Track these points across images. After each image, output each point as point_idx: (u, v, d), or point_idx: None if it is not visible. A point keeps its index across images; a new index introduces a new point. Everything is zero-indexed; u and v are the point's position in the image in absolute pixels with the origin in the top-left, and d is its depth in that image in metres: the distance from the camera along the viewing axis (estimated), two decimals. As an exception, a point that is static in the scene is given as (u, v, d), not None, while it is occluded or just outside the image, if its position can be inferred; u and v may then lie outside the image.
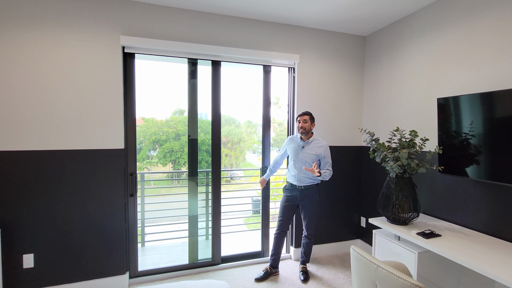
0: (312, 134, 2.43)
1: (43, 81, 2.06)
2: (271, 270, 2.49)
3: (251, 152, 20.42)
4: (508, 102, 1.61)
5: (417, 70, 2.37)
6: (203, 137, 15.91)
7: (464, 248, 1.61)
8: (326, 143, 2.40)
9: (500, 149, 1.65)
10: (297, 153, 2.38)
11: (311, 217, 2.41)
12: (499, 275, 1.31)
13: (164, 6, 2.32)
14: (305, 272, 2.47)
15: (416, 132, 2.02)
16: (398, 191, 1.98)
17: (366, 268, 1.33)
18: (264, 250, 2.85)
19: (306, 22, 2.64)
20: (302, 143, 2.39)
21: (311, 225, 2.43)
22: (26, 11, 2.00)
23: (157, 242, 3.65)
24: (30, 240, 2.09)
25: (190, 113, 2.56)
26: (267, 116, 2.77)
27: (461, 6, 2.00)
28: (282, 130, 19.77)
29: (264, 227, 2.86)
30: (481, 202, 1.87)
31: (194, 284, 1.61)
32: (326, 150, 2.36)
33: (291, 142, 2.48)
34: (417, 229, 1.89)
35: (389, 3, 2.23)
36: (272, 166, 2.62)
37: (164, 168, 14.12)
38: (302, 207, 2.43)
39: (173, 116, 15.46)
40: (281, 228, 2.47)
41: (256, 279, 2.43)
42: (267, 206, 2.86)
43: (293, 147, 2.42)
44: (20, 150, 2.03)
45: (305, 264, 2.53)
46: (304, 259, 2.52)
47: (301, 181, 2.37)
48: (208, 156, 13.40)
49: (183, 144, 14.09)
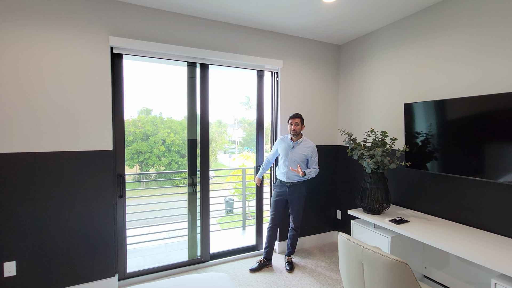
0: (302, 135, 2.62)
1: (30, 81, 1.98)
2: (264, 262, 2.66)
3: (222, 152, 20.28)
4: (455, 108, 1.95)
5: (385, 78, 2.69)
6: (173, 138, 15.58)
7: (427, 230, 1.92)
8: (313, 144, 2.61)
9: (450, 147, 1.99)
10: (287, 152, 2.57)
11: (298, 210, 2.61)
12: (453, 249, 1.61)
13: (153, 8, 2.34)
14: (290, 263, 2.66)
15: (386, 132, 2.32)
16: (373, 184, 2.26)
17: (353, 250, 1.54)
18: (258, 244, 3.03)
19: (289, 30, 2.83)
20: (292, 144, 2.58)
21: (298, 218, 2.63)
22: (14, 8, 1.91)
23: (139, 245, 3.59)
24: (12, 247, 1.98)
25: (189, 115, 2.63)
26: (261, 119, 2.93)
27: (420, 25, 2.34)
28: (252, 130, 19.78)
29: (259, 223, 3.04)
30: (438, 192, 2.22)
31: (196, 277, 1.70)
32: (313, 151, 2.57)
33: (281, 142, 2.66)
34: (389, 217, 2.18)
35: (358, 19, 2.50)
36: (265, 165, 2.78)
37: (131, 170, 13.44)
38: (290, 202, 2.62)
39: (140, 115, 14.81)
40: (274, 222, 2.65)
41: (250, 269, 2.59)
42: (261, 204, 3.04)
43: (284, 147, 2.60)
44: (2, 152, 1.93)
45: (290, 256, 2.73)
46: (290, 251, 2.71)
47: (290, 178, 2.56)
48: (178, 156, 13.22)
49: (151, 145, 13.59)
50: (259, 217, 3.03)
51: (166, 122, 14.13)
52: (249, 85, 18.04)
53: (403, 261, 1.31)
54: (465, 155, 1.91)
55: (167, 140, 13.51)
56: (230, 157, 18.73)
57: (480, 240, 1.74)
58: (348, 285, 1.64)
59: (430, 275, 2.22)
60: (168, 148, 13.62)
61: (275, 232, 2.68)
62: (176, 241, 3.73)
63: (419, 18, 2.36)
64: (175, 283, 1.64)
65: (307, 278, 2.48)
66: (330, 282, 2.42)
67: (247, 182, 4.29)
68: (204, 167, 2.71)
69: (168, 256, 3.23)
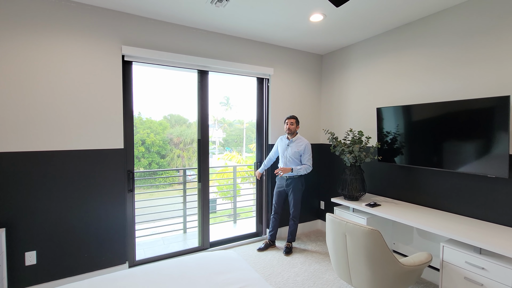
0: (297, 134, 2.99)
1: (50, 86, 2.17)
2: (270, 243, 3.06)
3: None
4: (416, 112, 2.43)
5: (360, 85, 3.15)
6: (153, 138, 15.50)
7: (395, 211, 2.37)
8: (307, 142, 2.97)
9: (414, 143, 2.46)
10: (283, 150, 2.96)
11: (296, 202, 2.97)
12: (414, 223, 2.07)
13: (160, 20, 2.60)
14: (288, 247, 2.99)
15: (362, 132, 2.76)
16: (352, 176, 2.69)
17: (338, 225, 1.94)
18: (259, 231, 3.43)
19: (279, 42, 3.20)
20: (288, 142, 2.96)
21: (295, 209, 2.99)
22: (40, 21, 2.09)
23: (138, 239, 3.78)
24: (32, 238, 2.16)
25: (200, 118, 2.94)
26: (261, 120, 3.31)
27: (386, 44, 2.82)
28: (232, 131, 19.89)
29: (259, 213, 3.43)
30: (404, 181, 2.70)
31: (207, 255, 2.00)
32: (306, 148, 2.93)
33: (280, 141, 3.06)
34: (365, 202, 2.62)
35: (337, 35, 2.94)
36: (267, 162, 3.16)
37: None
38: (289, 194, 3.00)
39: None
40: (275, 211, 3.05)
41: (258, 249, 3.00)
42: (261, 196, 3.41)
43: (282, 145, 3.00)
44: (25, 151, 2.11)
45: (289, 243, 3.06)
46: (289, 238, 3.06)
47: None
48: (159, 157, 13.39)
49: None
50: (259, 208, 3.40)
51: (146, 122, 13.95)
52: (229, 86, 18.23)
53: (376, 229, 1.72)
54: (426, 150, 2.38)
55: (147, 141, 13.36)
56: (211, 158, 18.83)
57: (435, 217, 2.21)
58: (334, 255, 2.03)
59: (398, 249, 2.69)
60: (148, 149, 13.48)
61: (277, 220, 3.07)
62: (172, 235, 3.97)
63: (386, 37, 2.83)
64: (189, 260, 1.91)
65: (298, 258, 2.86)
66: (316, 260, 2.82)
67: (241, 179, 4.61)
68: (204, 166, 3.00)
69: (166, 248, 3.47)
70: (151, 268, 1.74)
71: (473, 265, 1.75)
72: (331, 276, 2.51)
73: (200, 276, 1.61)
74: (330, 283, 2.40)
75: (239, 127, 18.28)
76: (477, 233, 1.84)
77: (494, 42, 2.05)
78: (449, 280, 1.86)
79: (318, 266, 2.69)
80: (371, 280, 1.80)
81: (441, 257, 1.91)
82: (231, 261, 1.85)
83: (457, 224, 2.02)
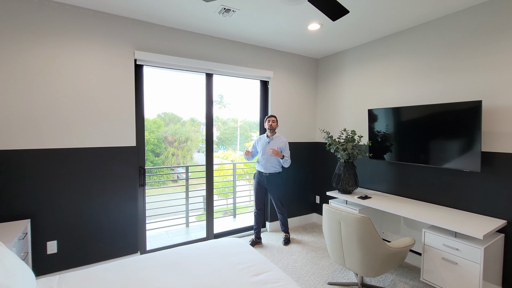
0: (276, 133, 3.19)
1: (72, 89, 2.35)
2: (256, 240, 3.21)
3: (196, 151, 20.35)
4: (404, 114, 2.70)
5: (353, 88, 3.41)
6: (147, 136, 15.61)
7: (384, 203, 2.64)
8: (285, 139, 3.17)
9: (402, 141, 2.73)
10: (264, 147, 3.12)
11: (277, 198, 3.16)
12: (400, 212, 2.33)
13: (170, 27, 2.80)
14: (286, 238, 3.23)
15: (355, 131, 3.02)
16: (345, 171, 2.94)
17: (333, 214, 2.18)
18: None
19: (279, 47, 3.43)
20: (268, 140, 3.14)
21: (278, 205, 3.18)
22: (62, 28, 2.26)
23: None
24: (53, 229, 2.34)
25: (207, 119, 3.15)
26: (263, 119, 3.52)
27: (377, 50, 3.08)
28: (226, 129, 19.90)
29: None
30: (393, 176, 2.97)
31: (218, 241, 2.22)
32: (285, 145, 3.13)
33: (259, 140, 3.21)
34: (357, 195, 2.88)
35: (332, 41, 3.18)
36: (254, 152, 3.27)
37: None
38: (269, 190, 3.17)
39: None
40: (257, 207, 3.20)
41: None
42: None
43: (261, 143, 3.15)
44: (47, 148, 2.28)
45: (286, 233, 3.29)
46: (284, 229, 3.29)
47: (267, 169, 3.12)
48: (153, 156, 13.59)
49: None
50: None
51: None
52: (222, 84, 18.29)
53: (367, 216, 1.97)
54: (413, 147, 2.65)
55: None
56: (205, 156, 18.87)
57: (418, 207, 2.49)
58: (329, 240, 2.28)
59: (387, 237, 2.97)
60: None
61: (260, 215, 3.21)
62: (175, 229, 4.16)
63: (377, 44, 3.09)
64: (202, 246, 2.13)
65: (296, 247, 3.11)
66: (313, 249, 3.07)
67: (237, 175, 4.83)
68: (209, 163, 3.21)
69: (171, 240, 3.67)
70: (168, 252, 1.96)
71: (449, 247, 2.02)
72: (327, 262, 2.77)
73: (215, 257, 1.84)
74: (325, 267, 2.66)
75: (233, 126, 18.43)
76: (453, 220, 2.12)
77: (470, 53, 2.33)
78: (430, 261, 2.14)
79: (314, 254, 2.94)
80: (362, 261, 2.06)
81: (423, 241, 2.19)
82: (239, 246, 2.08)
83: (437, 213, 2.30)
